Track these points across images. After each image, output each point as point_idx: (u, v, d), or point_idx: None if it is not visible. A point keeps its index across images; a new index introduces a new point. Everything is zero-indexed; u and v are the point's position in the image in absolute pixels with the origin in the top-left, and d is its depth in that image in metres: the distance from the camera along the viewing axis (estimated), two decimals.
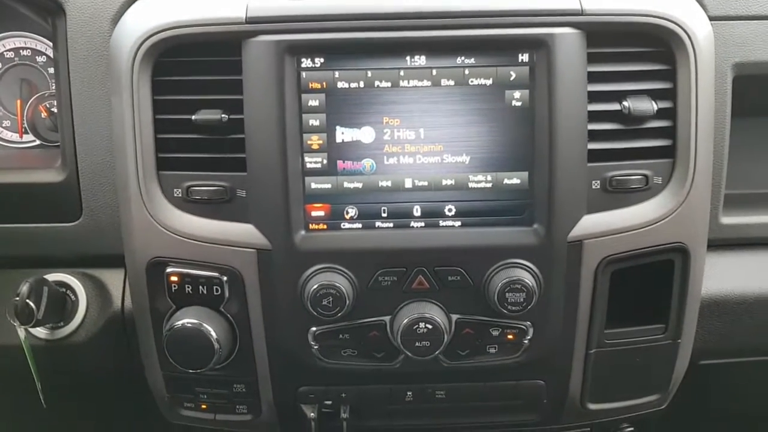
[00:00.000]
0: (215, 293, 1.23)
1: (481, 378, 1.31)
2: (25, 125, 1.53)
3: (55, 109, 1.47)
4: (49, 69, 1.52)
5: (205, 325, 1.20)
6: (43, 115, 1.51)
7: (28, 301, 1.24)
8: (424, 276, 1.20)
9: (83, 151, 1.33)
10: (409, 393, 1.32)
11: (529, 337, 1.24)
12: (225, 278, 1.22)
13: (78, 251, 1.38)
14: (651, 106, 1.19)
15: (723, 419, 1.83)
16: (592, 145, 1.19)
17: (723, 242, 1.39)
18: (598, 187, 1.21)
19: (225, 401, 1.33)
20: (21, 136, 1.54)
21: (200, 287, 1.23)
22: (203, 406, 1.35)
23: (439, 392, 1.32)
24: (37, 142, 1.54)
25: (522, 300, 1.17)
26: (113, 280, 1.39)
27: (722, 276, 1.40)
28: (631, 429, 1.49)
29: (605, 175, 1.20)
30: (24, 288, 1.24)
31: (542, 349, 1.26)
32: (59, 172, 1.36)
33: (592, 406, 1.36)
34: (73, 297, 1.38)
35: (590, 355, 1.30)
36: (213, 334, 1.20)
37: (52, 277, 1.37)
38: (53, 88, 1.50)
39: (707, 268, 1.33)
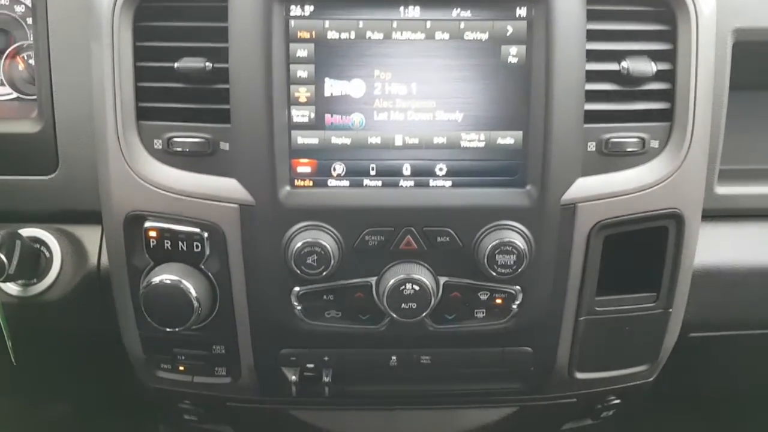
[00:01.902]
0: (195, 250, 1.19)
1: (467, 344, 1.28)
2: (2, 77, 1.48)
3: (32, 61, 1.42)
4: (27, 19, 1.47)
5: (184, 282, 1.17)
6: (21, 66, 1.46)
7: None
8: (413, 236, 1.17)
9: (60, 101, 1.29)
10: (393, 358, 1.29)
11: (517, 302, 1.21)
12: (206, 234, 1.19)
13: (53, 206, 1.34)
14: (650, 67, 1.16)
15: (709, 395, 1.82)
16: (588, 106, 1.16)
17: (717, 213, 1.38)
18: (594, 149, 1.18)
19: (203, 363, 1.30)
20: None
21: (180, 243, 1.19)
22: (181, 368, 1.32)
23: (424, 357, 1.29)
24: (14, 95, 1.48)
25: (512, 263, 1.14)
26: (90, 236, 1.35)
27: (715, 247, 1.38)
28: (618, 401, 1.47)
29: (601, 137, 1.18)
30: None
31: (531, 315, 1.23)
32: (35, 122, 1.31)
33: (580, 376, 1.35)
34: (47, 253, 1.34)
35: (580, 323, 1.28)
36: (192, 291, 1.17)
37: (26, 232, 1.33)
38: (32, 39, 1.45)
39: (701, 239, 1.31)
